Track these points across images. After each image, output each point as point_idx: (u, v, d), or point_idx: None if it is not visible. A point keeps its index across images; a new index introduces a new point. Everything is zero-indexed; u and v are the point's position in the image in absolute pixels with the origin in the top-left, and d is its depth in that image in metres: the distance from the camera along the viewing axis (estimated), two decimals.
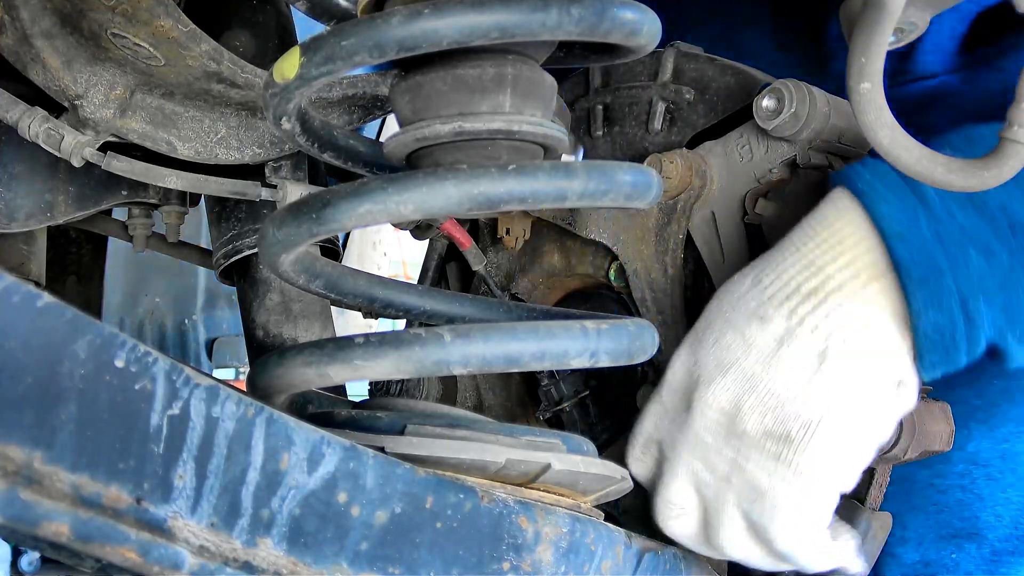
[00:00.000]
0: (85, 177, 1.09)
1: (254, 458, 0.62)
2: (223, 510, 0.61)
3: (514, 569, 0.72)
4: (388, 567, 0.67)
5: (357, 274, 0.90)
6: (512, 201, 0.71)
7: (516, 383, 1.19)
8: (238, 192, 1.03)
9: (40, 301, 0.54)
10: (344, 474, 0.65)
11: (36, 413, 0.54)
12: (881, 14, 0.75)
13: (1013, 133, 0.77)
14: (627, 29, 0.74)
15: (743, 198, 1.00)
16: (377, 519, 0.66)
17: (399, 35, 0.68)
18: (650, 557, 0.84)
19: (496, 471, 0.75)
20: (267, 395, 0.77)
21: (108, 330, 0.56)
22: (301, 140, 0.82)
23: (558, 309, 0.98)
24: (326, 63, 0.70)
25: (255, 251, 1.11)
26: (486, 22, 0.68)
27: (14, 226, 1.08)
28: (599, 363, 0.75)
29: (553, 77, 0.82)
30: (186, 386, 0.59)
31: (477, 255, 1.09)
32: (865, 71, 0.77)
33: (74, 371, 0.55)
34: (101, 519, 0.56)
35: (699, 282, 1.05)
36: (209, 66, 1.04)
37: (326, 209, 0.71)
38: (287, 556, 0.63)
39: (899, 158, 0.80)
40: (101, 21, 0.99)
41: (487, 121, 0.76)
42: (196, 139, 0.98)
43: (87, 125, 0.95)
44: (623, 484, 0.84)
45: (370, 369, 0.71)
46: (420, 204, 0.70)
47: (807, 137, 0.96)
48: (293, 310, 1.13)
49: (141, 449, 0.57)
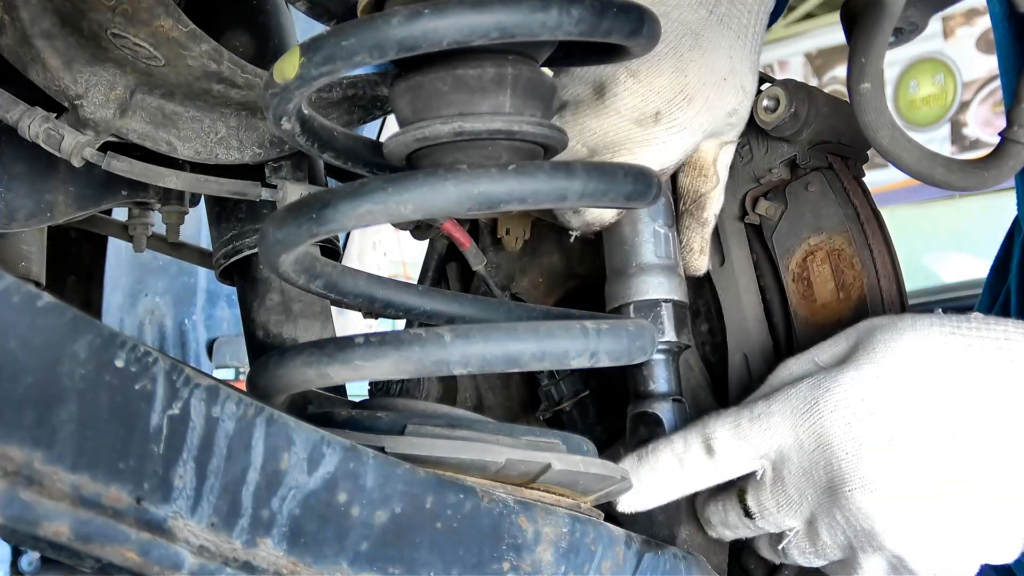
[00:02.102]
0: (85, 177, 1.09)
1: (254, 458, 0.62)
2: (223, 510, 0.61)
3: (514, 569, 0.72)
4: (388, 567, 0.67)
5: (357, 274, 0.90)
6: (512, 201, 0.71)
7: (516, 383, 1.19)
8: (238, 192, 1.03)
9: (40, 301, 0.54)
10: (344, 474, 0.65)
11: (36, 413, 0.54)
12: (881, 14, 0.75)
13: (1013, 133, 0.77)
14: (627, 29, 0.74)
15: (743, 198, 1.00)
16: (377, 519, 0.66)
17: (399, 35, 0.68)
18: (650, 557, 0.84)
19: (496, 471, 0.75)
20: (267, 395, 0.77)
21: (108, 330, 0.56)
22: (301, 140, 0.82)
23: (558, 309, 0.98)
24: (326, 63, 0.70)
25: (255, 251, 1.11)
26: (486, 22, 0.68)
27: (14, 226, 1.08)
28: (599, 363, 0.75)
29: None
30: (186, 386, 0.59)
31: (477, 255, 1.09)
32: (865, 71, 0.77)
33: (74, 371, 0.55)
34: (101, 519, 0.56)
35: (699, 282, 1.05)
36: (209, 66, 1.04)
37: (326, 209, 0.71)
38: (287, 556, 0.63)
39: (899, 158, 0.80)
40: (101, 21, 0.99)
41: (487, 121, 0.76)
42: (196, 139, 0.98)
43: (87, 125, 0.95)
44: (623, 484, 0.84)
45: (370, 369, 0.71)
46: (420, 204, 0.70)
47: (807, 137, 0.96)
48: (293, 310, 1.13)
49: (141, 449, 0.57)
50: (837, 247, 0.96)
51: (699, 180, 0.95)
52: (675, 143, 0.90)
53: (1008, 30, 1.04)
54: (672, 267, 0.96)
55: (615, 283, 0.96)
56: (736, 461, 0.87)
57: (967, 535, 0.81)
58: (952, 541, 0.81)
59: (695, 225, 0.96)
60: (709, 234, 0.97)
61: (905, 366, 0.81)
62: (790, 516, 0.87)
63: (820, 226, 0.97)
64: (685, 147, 0.92)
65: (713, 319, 1.05)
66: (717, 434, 0.87)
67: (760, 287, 1.01)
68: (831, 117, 0.96)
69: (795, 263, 0.98)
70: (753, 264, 1.01)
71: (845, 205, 0.96)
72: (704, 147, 0.94)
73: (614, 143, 0.91)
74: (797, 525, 0.87)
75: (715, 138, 0.94)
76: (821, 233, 0.97)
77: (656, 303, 0.94)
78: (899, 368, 0.82)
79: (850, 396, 0.82)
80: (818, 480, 0.84)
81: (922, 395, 0.81)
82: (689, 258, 0.97)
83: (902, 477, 0.80)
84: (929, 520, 0.80)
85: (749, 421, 0.86)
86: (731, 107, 0.93)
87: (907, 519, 0.80)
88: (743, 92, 0.93)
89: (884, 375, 0.82)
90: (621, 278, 0.96)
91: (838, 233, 0.96)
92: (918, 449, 0.80)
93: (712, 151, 0.95)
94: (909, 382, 0.81)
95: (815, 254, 0.97)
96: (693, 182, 0.95)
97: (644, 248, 0.95)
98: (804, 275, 0.97)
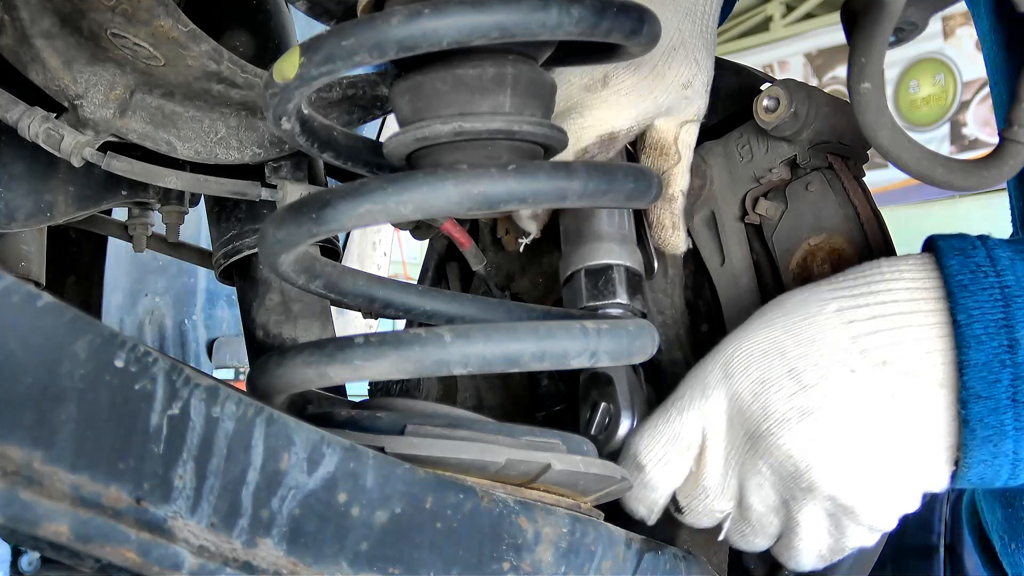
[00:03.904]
0: (85, 177, 1.09)
1: (254, 458, 0.62)
2: (223, 510, 0.61)
3: (514, 569, 0.72)
4: (388, 567, 0.67)
5: (357, 274, 0.90)
6: (512, 201, 0.71)
7: (516, 383, 1.19)
8: (238, 192, 1.03)
9: (40, 301, 0.54)
10: (344, 474, 0.65)
11: (36, 413, 0.54)
12: (881, 14, 0.75)
13: (1013, 133, 0.77)
14: (627, 29, 0.74)
15: (743, 198, 1.00)
16: (377, 519, 0.66)
17: (399, 35, 0.68)
18: (650, 557, 0.84)
19: (496, 471, 0.75)
20: (267, 395, 0.77)
21: (108, 330, 0.56)
22: (301, 140, 0.82)
23: (558, 309, 0.98)
24: (326, 63, 0.70)
25: (255, 251, 1.11)
26: (486, 22, 0.68)
27: (14, 226, 1.08)
28: (599, 363, 0.75)
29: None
30: (186, 386, 0.59)
31: (477, 255, 1.09)
32: (865, 71, 0.77)
33: (74, 371, 0.55)
34: (101, 519, 0.56)
35: (699, 282, 1.05)
36: (209, 66, 1.04)
37: (326, 209, 0.71)
38: (287, 556, 0.63)
39: (899, 158, 0.80)
40: (101, 21, 0.99)
41: (487, 121, 0.76)
42: (196, 139, 0.98)
43: (87, 125, 0.95)
44: (623, 484, 0.84)
45: (370, 369, 0.71)
46: (420, 204, 0.70)
47: (807, 137, 0.96)
48: (293, 310, 1.13)
49: (141, 449, 0.57)
50: (837, 247, 0.96)
51: (660, 159, 0.96)
52: (623, 106, 0.93)
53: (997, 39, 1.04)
54: (625, 236, 0.96)
55: (568, 255, 0.97)
56: (666, 468, 0.87)
57: (889, 453, 0.81)
58: (876, 462, 0.81)
59: (662, 203, 0.97)
60: (679, 210, 0.97)
61: (789, 312, 0.84)
62: (719, 497, 0.87)
63: (820, 226, 0.97)
64: (636, 112, 0.93)
65: (713, 319, 1.05)
66: (640, 449, 0.88)
67: (760, 287, 1.01)
68: (831, 117, 0.96)
69: (795, 263, 0.98)
70: (753, 264, 1.01)
71: (845, 205, 0.96)
72: (662, 127, 0.96)
73: (567, 109, 0.93)
74: (727, 508, 0.87)
75: (673, 116, 0.96)
76: (821, 233, 0.96)
77: (607, 267, 0.94)
78: (785, 314, 0.84)
79: (740, 346, 0.84)
80: (735, 440, 0.84)
81: (812, 326, 0.82)
82: (663, 235, 0.98)
83: (809, 402, 0.81)
84: (848, 441, 0.81)
85: (665, 423, 0.87)
86: (684, 78, 0.94)
87: (825, 443, 0.81)
88: (696, 64, 0.94)
89: (771, 321, 0.84)
90: (574, 248, 0.96)
91: (838, 233, 0.96)
92: (819, 374, 0.81)
93: (671, 130, 0.96)
94: (796, 323, 0.83)
95: (815, 254, 0.97)
96: (655, 161, 0.97)
97: (597, 220, 0.96)
98: (804, 275, 0.97)
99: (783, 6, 8.15)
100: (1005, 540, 1.13)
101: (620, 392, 0.92)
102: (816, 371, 0.81)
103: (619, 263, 0.94)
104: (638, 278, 0.96)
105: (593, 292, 0.94)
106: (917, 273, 0.82)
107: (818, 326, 0.82)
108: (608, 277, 0.94)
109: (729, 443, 0.85)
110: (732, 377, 0.84)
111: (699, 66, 0.95)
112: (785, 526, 0.86)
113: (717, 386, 0.85)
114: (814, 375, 0.81)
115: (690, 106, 0.96)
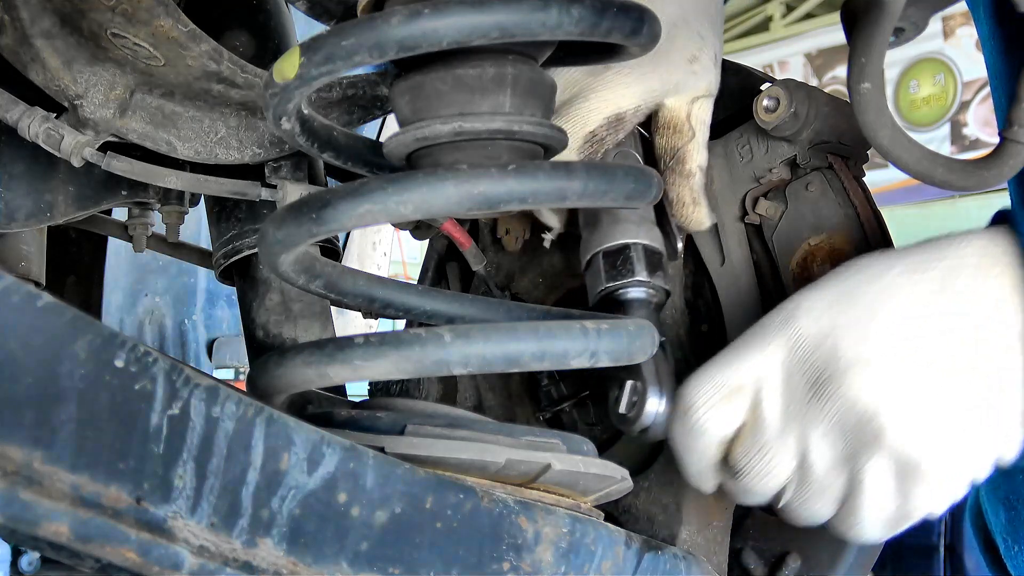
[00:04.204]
0: (85, 177, 1.09)
1: (254, 458, 0.62)
2: (223, 510, 0.61)
3: (514, 569, 0.72)
4: (388, 567, 0.67)
5: (357, 274, 0.90)
6: (512, 201, 0.72)
7: (516, 383, 1.19)
8: (238, 192, 1.03)
9: (40, 301, 0.54)
10: (344, 474, 0.65)
11: (36, 413, 0.54)
12: (881, 14, 0.75)
13: (1013, 133, 0.77)
14: (628, 29, 0.74)
15: (743, 198, 1.00)
16: (377, 519, 0.66)
17: (399, 35, 0.68)
18: (650, 557, 0.84)
19: (496, 471, 0.75)
20: (267, 395, 0.77)
21: (108, 330, 0.56)
22: (301, 140, 0.82)
23: (558, 309, 0.98)
24: (326, 63, 0.70)
25: (255, 251, 1.11)
26: (486, 22, 0.68)
27: (14, 226, 1.08)
28: (599, 363, 0.75)
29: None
30: (186, 386, 0.59)
31: (477, 255, 1.09)
32: (865, 71, 0.77)
33: (74, 371, 0.55)
34: (101, 519, 0.56)
35: (699, 282, 1.05)
36: (209, 66, 1.04)
37: (326, 209, 0.71)
38: (287, 556, 0.63)
39: (899, 158, 0.80)
40: (101, 21, 0.99)
41: (487, 121, 0.76)
42: (196, 139, 0.98)
43: (87, 125, 0.95)
44: (623, 484, 0.84)
45: (370, 369, 0.71)
46: (420, 204, 0.70)
47: (807, 137, 0.96)
48: (293, 310, 1.13)
49: (141, 449, 0.57)
50: (837, 247, 0.96)
51: (674, 137, 0.95)
52: (628, 84, 0.92)
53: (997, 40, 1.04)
54: (643, 217, 0.95)
55: (586, 241, 0.96)
56: (714, 412, 0.84)
57: (961, 407, 0.78)
58: (947, 414, 0.78)
59: (680, 179, 0.95)
60: (698, 186, 0.96)
61: (857, 271, 0.82)
62: (778, 454, 0.82)
63: (820, 226, 0.97)
64: (641, 90, 0.92)
65: (713, 319, 1.05)
66: (688, 391, 0.85)
67: (760, 287, 1.01)
68: (831, 117, 0.96)
69: (795, 263, 0.98)
70: (753, 264, 1.01)
71: (845, 205, 0.96)
72: (672, 104, 0.95)
73: (573, 96, 0.92)
74: (787, 468, 0.83)
75: (683, 93, 0.95)
76: (821, 233, 0.96)
77: (624, 247, 0.93)
78: (853, 273, 0.82)
79: (806, 297, 0.82)
80: (795, 392, 0.81)
81: (883, 279, 0.81)
82: (684, 212, 0.96)
83: (880, 347, 0.78)
84: (918, 389, 0.78)
85: (717, 369, 0.84)
86: (690, 53, 0.93)
87: (894, 390, 0.78)
88: (701, 39, 0.94)
89: (838, 276, 0.82)
90: (591, 233, 0.95)
91: (838, 233, 0.96)
92: (892, 320, 0.79)
93: (683, 107, 0.95)
94: (865, 279, 0.81)
95: (815, 254, 0.97)
96: (669, 140, 0.96)
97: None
98: (805, 275, 0.97)
99: (783, 6, 8.15)
100: (1008, 542, 1.13)
101: (646, 367, 0.90)
102: (888, 317, 0.79)
103: (636, 242, 0.93)
104: (658, 256, 0.94)
105: (611, 273, 0.93)
106: (987, 240, 0.80)
107: (889, 279, 0.80)
108: (626, 256, 0.92)
109: (788, 395, 0.82)
110: (796, 325, 0.81)
111: (704, 40, 0.94)
112: (848, 489, 0.81)
113: (777, 336, 0.82)
114: (886, 321, 0.79)
115: (700, 81, 0.95)
